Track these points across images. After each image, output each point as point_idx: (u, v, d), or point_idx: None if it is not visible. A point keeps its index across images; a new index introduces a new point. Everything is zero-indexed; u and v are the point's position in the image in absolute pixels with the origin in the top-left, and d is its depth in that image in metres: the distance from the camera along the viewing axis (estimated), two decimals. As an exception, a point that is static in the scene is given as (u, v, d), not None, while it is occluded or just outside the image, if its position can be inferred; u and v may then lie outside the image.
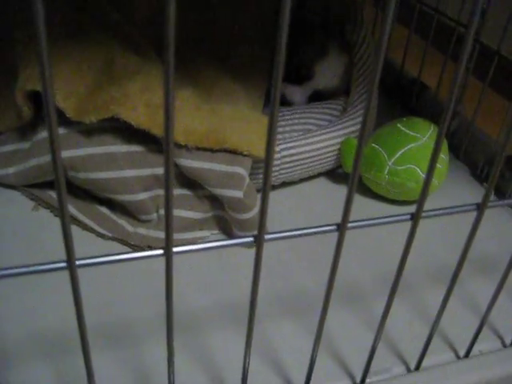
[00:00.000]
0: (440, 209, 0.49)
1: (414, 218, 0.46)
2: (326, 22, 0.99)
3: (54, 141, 0.32)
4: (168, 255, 0.39)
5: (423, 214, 0.47)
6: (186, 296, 0.70)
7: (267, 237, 0.42)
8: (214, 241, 0.42)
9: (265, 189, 0.38)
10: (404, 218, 0.47)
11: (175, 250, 0.40)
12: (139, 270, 0.71)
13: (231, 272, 0.74)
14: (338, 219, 0.43)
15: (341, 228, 0.43)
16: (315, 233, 0.44)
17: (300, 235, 0.43)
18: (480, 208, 0.50)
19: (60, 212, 0.36)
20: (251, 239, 0.41)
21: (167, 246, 0.39)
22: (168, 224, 0.37)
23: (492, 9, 0.96)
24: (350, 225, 0.44)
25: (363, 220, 0.45)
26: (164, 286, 0.41)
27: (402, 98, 1.21)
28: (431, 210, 0.48)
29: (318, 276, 0.47)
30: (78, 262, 0.38)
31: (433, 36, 1.10)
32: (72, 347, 0.52)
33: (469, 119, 1.03)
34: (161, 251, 0.40)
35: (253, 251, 0.42)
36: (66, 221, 0.36)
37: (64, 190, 0.34)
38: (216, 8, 1.00)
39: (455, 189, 0.96)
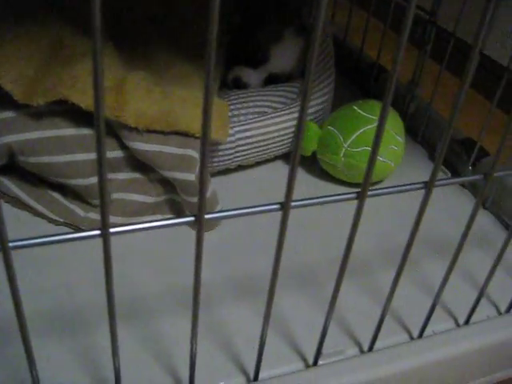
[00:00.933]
0: (388, 187, 0.48)
1: (360, 196, 0.46)
2: (283, 5, 0.98)
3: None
4: (105, 236, 0.38)
5: (370, 193, 0.46)
6: (136, 280, 0.69)
7: (208, 216, 0.41)
8: (155, 221, 0.41)
9: (202, 168, 0.37)
10: (350, 196, 0.46)
11: (112, 230, 0.39)
12: (85, 253, 0.70)
13: (184, 256, 0.73)
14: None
15: (284, 206, 0.42)
16: (258, 212, 0.43)
17: (241, 214, 0.43)
18: (428, 186, 0.49)
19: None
20: (192, 218, 0.41)
21: (104, 226, 0.38)
22: (103, 203, 0.36)
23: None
24: (293, 204, 0.43)
25: (307, 199, 0.44)
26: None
27: (360, 82, 1.21)
28: (379, 189, 0.48)
29: (272, 258, 0.46)
30: (11, 244, 0.37)
31: (391, 19, 1.10)
32: (13, 334, 0.51)
33: (426, 102, 1.03)
34: (98, 231, 0.39)
35: (209, 234, 0.41)
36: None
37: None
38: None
39: (412, 171, 0.95)
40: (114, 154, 0.74)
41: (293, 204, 0.43)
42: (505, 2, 0.76)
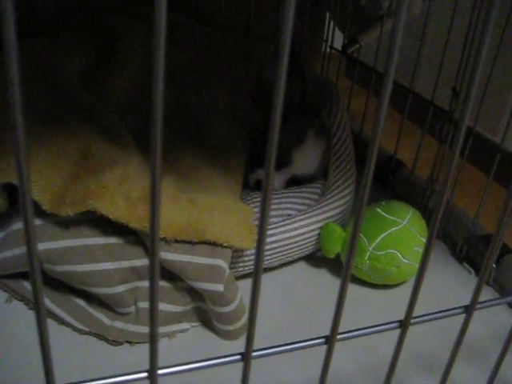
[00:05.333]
0: (428, 314, 0.48)
1: (403, 325, 0.45)
2: (303, 106, 1.00)
3: (30, 241, 0.31)
4: (153, 378, 0.38)
5: (412, 321, 0.46)
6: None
7: (255, 354, 0.40)
8: (200, 361, 0.40)
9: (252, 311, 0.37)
10: (393, 326, 0.46)
11: (160, 372, 0.38)
12: None
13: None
14: (321, 308, 0.42)
15: (329, 341, 0.42)
16: (303, 347, 0.42)
17: (288, 350, 0.42)
18: (468, 311, 0.49)
19: (40, 335, 0.34)
20: (239, 357, 0.40)
21: (152, 368, 0.38)
22: (153, 348, 0.36)
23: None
24: (338, 336, 0.42)
25: (351, 331, 0.44)
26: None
27: (378, 176, 1.21)
28: (420, 316, 0.47)
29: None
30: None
31: (409, 112, 1.10)
32: None
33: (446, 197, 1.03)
34: (145, 374, 0.38)
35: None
36: (45, 341, 0.34)
37: (41, 296, 0.33)
38: (191, 88, 1.00)
39: (436, 269, 0.95)
40: (140, 262, 0.74)
41: (338, 337, 0.42)
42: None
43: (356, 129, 1.27)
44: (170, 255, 0.71)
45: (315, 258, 0.94)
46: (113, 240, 0.74)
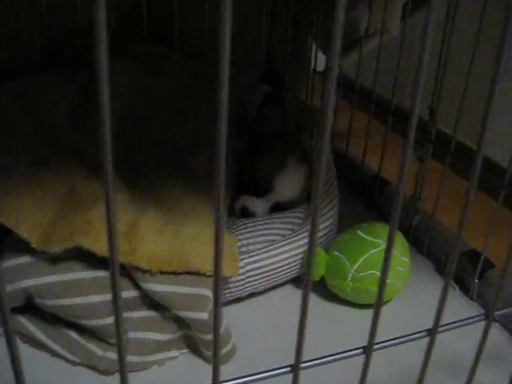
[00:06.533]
0: (391, 339, 0.50)
1: (366, 352, 0.48)
2: (284, 132, 1.02)
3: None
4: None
5: (376, 347, 0.48)
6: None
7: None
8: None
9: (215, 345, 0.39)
10: (357, 352, 0.48)
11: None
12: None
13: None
14: (308, 331, 0.44)
15: (295, 369, 0.44)
16: (269, 377, 0.45)
17: (256, 380, 0.44)
18: (431, 333, 0.51)
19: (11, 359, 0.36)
20: (207, 389, 0.42)
21: None
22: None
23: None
24: (302, 365, 0.45)
25: (316, 359, 0.46)
26: None
27: (363, 194, 1.24)
28: (382, 342, 0.49)
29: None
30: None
31: (396, 129, 1.12)
32: None
33: (430, 214, 1.05)
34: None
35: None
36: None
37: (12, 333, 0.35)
38: (176, 119, 1.03)
39: (420, 286, 0.98)
40: (128, 293, 0.77)
41: (302, 365, 0.45)
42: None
43: (341, 149, 1.29)
44: (155, 286, 0.74)
45: (301, 281, 0.96)
46: (101, 273, 0.76)
